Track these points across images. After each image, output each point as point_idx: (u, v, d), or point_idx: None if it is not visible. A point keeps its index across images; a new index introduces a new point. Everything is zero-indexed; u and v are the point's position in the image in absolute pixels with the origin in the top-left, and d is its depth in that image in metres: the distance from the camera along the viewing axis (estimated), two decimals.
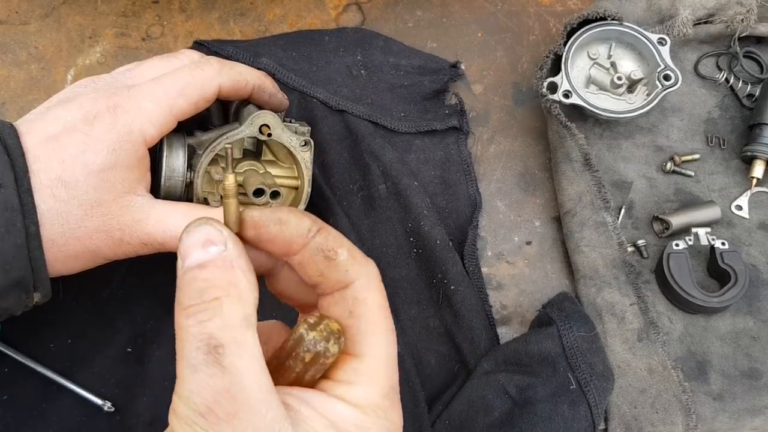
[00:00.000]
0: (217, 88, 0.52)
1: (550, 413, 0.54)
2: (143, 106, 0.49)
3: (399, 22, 0.77)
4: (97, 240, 0.48)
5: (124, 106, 0.48)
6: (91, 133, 0.47)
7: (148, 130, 0.49)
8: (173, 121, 0.51)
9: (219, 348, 0.29)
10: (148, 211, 0.49)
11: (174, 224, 0.50)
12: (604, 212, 0.63)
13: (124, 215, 0.48)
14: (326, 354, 0.31)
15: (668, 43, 0.67)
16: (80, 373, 0.59)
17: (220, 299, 0.30)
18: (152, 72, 0.53)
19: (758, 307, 0.63)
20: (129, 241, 0.49)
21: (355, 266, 0.34)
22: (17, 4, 0.75)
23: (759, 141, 0.66)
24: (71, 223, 0.47)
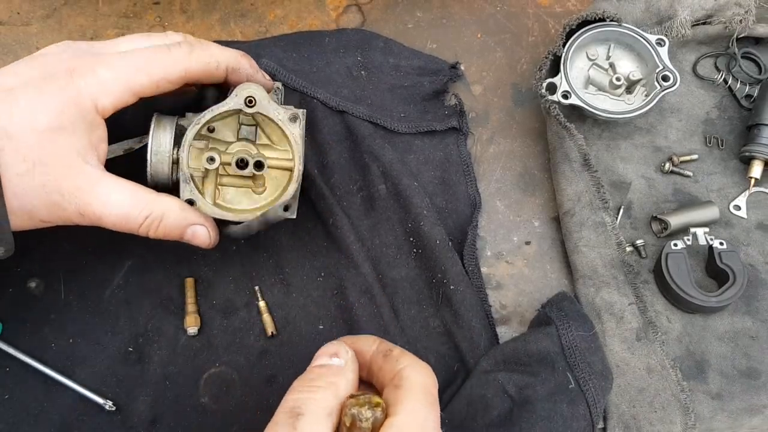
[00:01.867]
0: (182, 71, 0.51)
1: (549, 412, 0.55)
2: (100, 74, 0.48)
3: (399, 23, 0.77)
4: (34, 199, 0.47)
5: (81, 71, 0.48)
6: (43, 91, 0.47)
7: (100, 98, 0.48)
8: (131, 96, 0.50)
9: (299, 416, 0.39)
10: (92, 181, 0.48)
11: (116, 201, 0.49)
12: (603, 212, 0.64)
13: (65, 180, 0.47)
14: (360, 417, 0.40)
15: (667, 44, 0.67)
16: (81, 372, 0.59)
17: (319, 388, 0.41)
18: (127, 45, 0.53)
19: (756, 307, 0.63)
20: (66, 207, 0.48)
21: (405, 357, 0.45)
22: (19, 4, 0.76)
23: (757, 141, 0.67)
24: (11, 178, 0.45)
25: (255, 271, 0.64)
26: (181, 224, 0.53)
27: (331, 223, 0.64)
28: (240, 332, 0.62)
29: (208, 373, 0.60)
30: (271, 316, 0.62)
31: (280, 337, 0.62)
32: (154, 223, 0.51)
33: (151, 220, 0.51)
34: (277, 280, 0.64)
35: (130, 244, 0.64)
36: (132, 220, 0.50)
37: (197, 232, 0.54)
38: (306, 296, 0.64)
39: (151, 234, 0.52)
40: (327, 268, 0.64)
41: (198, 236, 0.54)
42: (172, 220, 0.52)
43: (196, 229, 0.54)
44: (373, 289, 0.62)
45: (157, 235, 0.53)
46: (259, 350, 0.61)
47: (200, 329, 0.62)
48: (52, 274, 0.62)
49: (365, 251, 0.64)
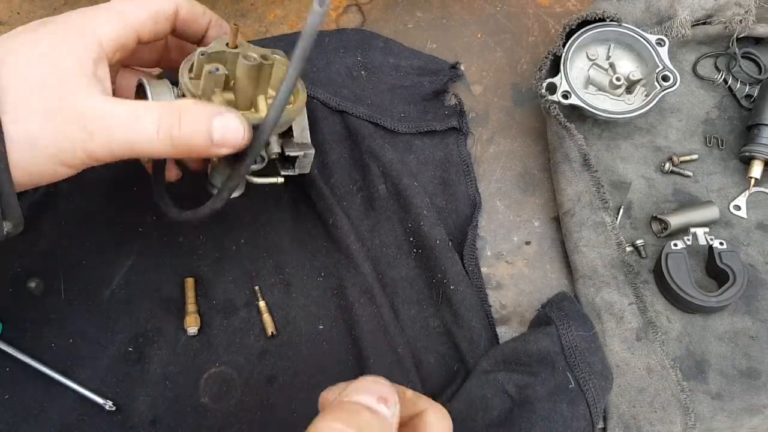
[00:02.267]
0: (173, 4, 0.51)
1: (549, 412, 0.55)
2: (98, 12, 0.48)
3: (399, 23, 0.77)
4: (37, 126, 0.44)
5: (82, 10, 0.48)
6: (45, 23, 0.46)
7: (102, 30, 0.47)
8: (131, 32, 0.49)
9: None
10: (99, 99, 0.45)
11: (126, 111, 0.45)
12: (603, 212, 0.64)
13: (70, 98, 0.44)
14: None
15: (667, 44, 0.67)
16: (81, 372, 0.59)
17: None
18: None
19: (756, 307, 0.63)
20: (71, 130, 0.44)
21: (422, 400, 0.42)
22: (19, 4, 0.76)
23: (757, 141, 0.67)
24: (10, 105, 0.43)
25: (255, 271, 0.64)
26: (205, 115, 0.45)
27: (331, 223, 0.64)
28: (240, 332, 0.62)
29: (208, 373, 0.60)
30: (271, 316, 0.62)
31: (280, 337, 0.62)
32: (174, 121, 0.45)
33: (170, 118, 0.45)
34: (277, 280, 0.64)
35: (131, 243, 0.64)
36: (147, 125, 0.44)
37: (227, 122, 0.46)
38: (306, 296, 0.64)
39: (175, 137, 0.45)
40: (327, 268, 0.64)
41: (230, 127, 0.46)
42: (194, 114, 0.45)
43: (226, 118, 0.46)
44: (373, 289, 0.62)
45: (181, 137, 0.45)
46: (259, 350, 0.61)
47: (200, 329, 0.62)
48: (52, 274, 0.62)
49: (365, 251, 0.64)
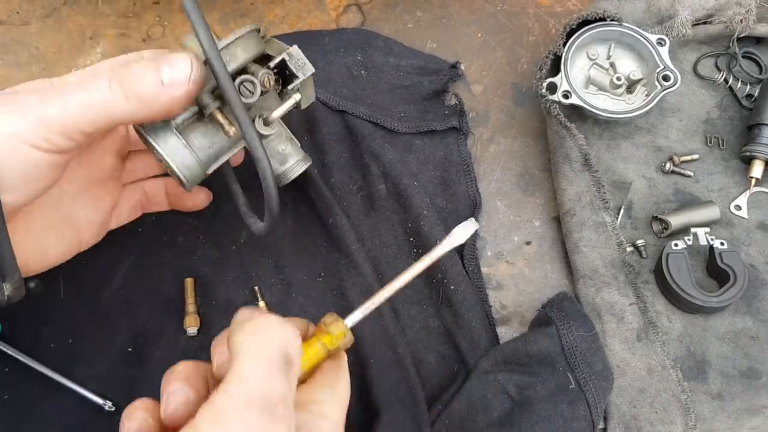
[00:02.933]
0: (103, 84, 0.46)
1: (550, 413, 0.55)
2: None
3: (399, 22, 0.77)
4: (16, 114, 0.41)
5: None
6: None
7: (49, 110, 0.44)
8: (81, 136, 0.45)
9: (290, 364, 0.36)
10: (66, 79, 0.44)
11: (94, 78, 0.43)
12: (604, 212, 0.64)
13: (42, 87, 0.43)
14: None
15: (667, 44, 0.67)
16: (81, 373, 0.59)
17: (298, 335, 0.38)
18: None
19: (757, 307, 0.63)
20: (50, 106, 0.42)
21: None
22: (18, 4, 0.75)
23: (758, 141, 0.67)
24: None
25: (255, 271, 0.64)
26: (153, 60, 0.43)
27: (331, 223, 0.64)
28: None
29: None
30: None
31: None
32: (124, 72, 0.43)
33: (120, 70, 0.43)
34: (277, 280, 0.64)
35: (130, 243, 0.64)
36: (100, 80, 0.42)
37: (174, 60, 0.43)
38: (306, 296, 0.63)
39: (126, 88, 0.43)
40: (327, 268, 0.64)
41: (177, 65, 0.43)
42: (143, 61, 0.44)
43: (172, 57, 0.43)
44: (373, 289, 0.62)
45: (134, 90, 0.43)
46: None
47: (200, 329, 0.62)
48: (51, 274, 0.62)
49: (365, 251, 0.64)
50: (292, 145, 0.56)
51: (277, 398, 0.33)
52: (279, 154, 0.55)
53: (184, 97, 0.44)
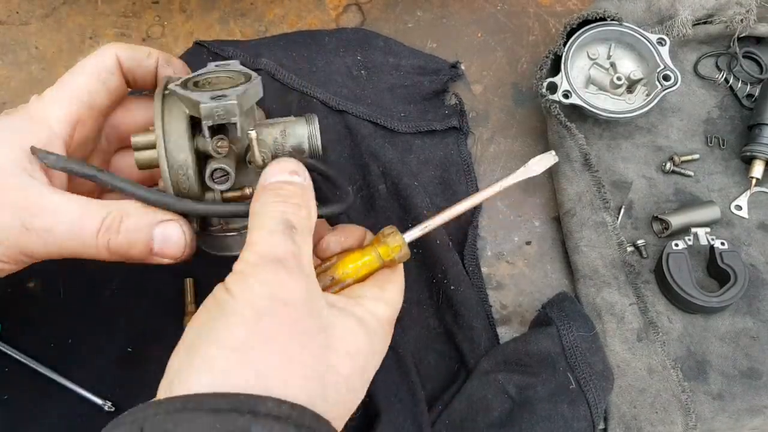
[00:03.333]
0: (113, 55, 0.49)
1: (550, 413, 0.54)
2: (46, 95, 0.47)
3: (399, 22, 0.77)
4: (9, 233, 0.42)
5: (34, 98, 0.48)
6: (10, 131, 0.45)
7: (52, 112, 0.46)
8: (80, 104, 0.47)
9: (293, 228, 0.40)
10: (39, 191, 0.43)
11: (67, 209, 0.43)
12: (604, 212, 0.63)
13: (6, 192, 0.42)
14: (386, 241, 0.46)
15: (668, 44, 0.67)
16: (80, 373, 0.59)
17: (301, 206, 0.42)
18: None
19: (758, 307, 0.63)
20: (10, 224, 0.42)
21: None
22: (18, 4, 0.75)
23: (758, 141, 0.66)
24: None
25: None
26: (145, 223, 0.44)
27: (331, 224, 0.64)
28: None
29: None
30: None
31: None
32: (114, 224, 0.43)
33: (110, 221, 0.43)
34: None
35: None
36: (87, 226, 0.43)
37: (168, 231, 0.44)
38: None
39: (112, 243, 0.43)
40: None
41: (170, 236, 0.44)
42: (135, 219, 0.44)
43: (167, 228, 0.44)
44: None
45: (119, 244, 0.44)
46: None
47: None
48: (51, 274, 0.62)
49: None
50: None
51: (285, 254, 0.38)
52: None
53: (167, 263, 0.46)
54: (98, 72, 0.49)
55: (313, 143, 0.50)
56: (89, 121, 0.49)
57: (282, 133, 0.49)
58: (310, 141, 0.50)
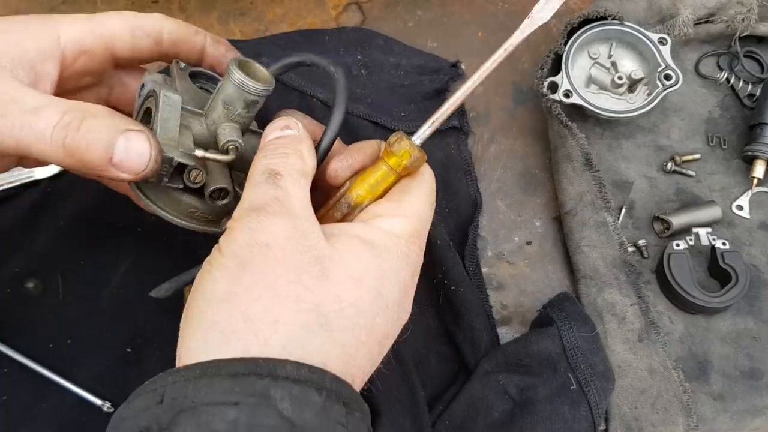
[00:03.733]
0: (157, 21, 0.49)
1: (551, 413, 0.54)
2: (71, 16, 0.46)
3: (399, 21, 0.77)
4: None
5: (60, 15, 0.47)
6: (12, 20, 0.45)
7: (65, 30, 0.45)
8: (98, 39, 0.46)
9: (278, 176, 0.40)
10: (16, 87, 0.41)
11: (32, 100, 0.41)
12: (605, 212, 0.63)
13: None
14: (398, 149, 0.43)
15: (669, 43, 0.67)
16: (79, 373, 0.59)
17: (288, 153, 0.42)
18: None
19: (759, 308, 0.63)
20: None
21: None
22: (17, 4, 0.75)
23: (760, 141, 0.66)
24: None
25: None
26: (110, 127, 0.40)
27: None
28: None
29: None
30: None
31: None
32: (74, 122, 0.39)
33: (70, 118, 0.40)
34: None
35: (129, 243, 0.64)
36: (43, 117, 0.39)
37: (133, 142, 0.40)
38: None
39: (68, 140, 0.39)
40: None
41: (134, 148, 0.40)
42: (100, 121, 0.40)
43: (132, 138, 0.40)
44: None
45: (76, 144, 0.39)
46: None
47: None
48: (50, 274, 0.62)
49: None
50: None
51: (266, 200, 0.38)
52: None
53: (126, 179, 0.41)
54: (133, 26, 0.48)
55: (249, 87, 0.45)
56: (97, 57, 0.47)
57: (225, 106, 0.46)
58: (244, 87, 0.45)
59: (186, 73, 0.50)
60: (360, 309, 0.37)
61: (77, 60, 0.46)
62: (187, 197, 0.47)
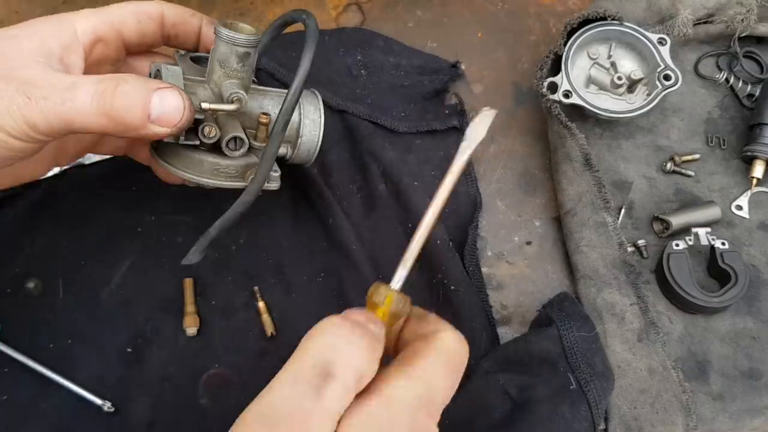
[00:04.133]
0: (158, 7, 0.52)
1: (550, 413, 0.54)
2: (82, 11, 0.50)
3: (399, 22, 0.77)
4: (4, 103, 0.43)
5: (71, 13, 0.50)
6: (32, 21, 0.48)
7: (80, 22, 0.48)
8: (109, 27, 0.50)
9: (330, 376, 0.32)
10: (49, 72, 0.44)
11: (66, 77, 0.44)
12: (604, 212, 0.63)
13: (21, 70, 0.44)
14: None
15: (668, 43, 0.67)
16: (79, 373, 0.59)
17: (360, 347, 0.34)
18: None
19: (758, 308, 0.63)
20: (14, 96, 0.43)
21: (443, 323, 0.39)
22: (17, 4, 0.75)
23: (759, 141, 0.66)
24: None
25: (255, 271, 0.64)
26: (143, 88, 0.44)
27: (331, 223, 0.64)
28: (239, 333, 0.62)
29: (207, 374, 0.60)
30: (270, 317, 0.62)
31: (279, 338, 0.62)
32: (109, 89, 0.43)
33: (104, 86, 0.43)
34: (277, 280, 0.64)
35: (130, 243, 0.64)
36: (82, 90, 0.43)
37: (167, 98, 0.44)
38: (306, 296, 0.63)
39: (108, 109, 0.43)
40: (327, 268, 0.64)
41: (169, 104, 0.44)
42: (132, 85, 0.43)
43: (165, 93, 0.44)
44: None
45: (116, 108, 0.43)
46: (258, 351, 0.61)
47: (199, 330, 0.62)
48: (50, 274, 0.62)
49: (365, 251, 0.64)
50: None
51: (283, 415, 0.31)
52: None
53: (165, 134, 0.45)
54: (137, 12, 0.51)
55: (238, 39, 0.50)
56: (112, 44, 0.51)
57: (221, 65, 0.51)
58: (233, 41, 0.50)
59: (187, 57, 0.55)
60: None
61: (94, 48, 0.50)
62: (207, 156, 0.51)
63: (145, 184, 0.65)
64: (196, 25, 0.54)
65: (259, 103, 0.54)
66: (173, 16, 0.53)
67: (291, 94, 0.47)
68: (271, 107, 0.55)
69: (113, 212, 0.65)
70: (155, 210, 0.65)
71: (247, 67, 0.52)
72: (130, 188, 0.65)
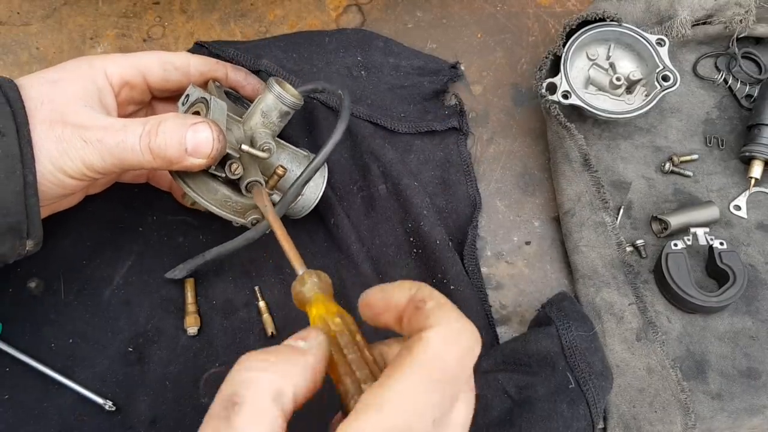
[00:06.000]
0: (185, 59, 0.58)
1: (549, 412, 0.55)
2: (111, 55, 0.56)
3: (399, 23, 0.77)
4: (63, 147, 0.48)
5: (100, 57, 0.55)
6: (62, 65, 0.53)
7: (109, 66, 0.54)
8: (136, 72, 0.55)
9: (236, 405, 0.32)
10: (94, 115, 0.50)
11: (114, 121, 0.50)
12: (603, 212, 0.64)
13: (69, 115, 0.49)
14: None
15: (667, 44, 0.67)
16: (81, 373, 0.59)
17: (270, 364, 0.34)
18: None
19: (756, 307, 0.63)
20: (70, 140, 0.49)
21: (437, 314, 0.36)
22: (18, 4, 0.76)
23: (757, 141, 0.67)
24: (41, 138, 0.48)
25: (255, 271, 0.64)
26: (179, 126, 0.49)
27: (332, 223, 0.64)
28: (240, 332, 0.62)
29: (208, 374, 0.60)
30: (271, 316, 0.62)
31: (280, 338, 0.62)
32: (153, 129, 0.49)
33: (149, 127, 0.49)
34: (277, 280, 0.64)
35: (131, 243, 0.64)
36: (131, 133, 0.49)
37: (199, 131, 0.49)
38: None
39: (152, 144, 0.49)
40: (327, 268, 0.64)
41: (200, 136, 0.49)
42: (169, 125, 0.49)
43: (198, 128, 0.49)
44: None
45: (159, 145, 0.49)
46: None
47: (200, 329, 0.62)
48: (51, 274, 0.62)
49: (365, 251, 0.64)
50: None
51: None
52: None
53: (203, 165, 0.51)
54: (164, 62, 0.57)
55: (286, 99, 0.56)
56: (137, 88, 0.57)
57: (263, 115, 0.56)
58: (282, 99, 0.56)
59: (221, 90, 0.59)
60: None
61: (122, 91, 0.55)
62: (224, 188, 0.54)
63: (146, 184, 0.65)
64: (222, 72, 0.60)
65: (277, 155, 0.59)
66: (200, 65, 0.59)
67: (311, 168, 0.55)
68: (287, 162, 0.59)
69: (114, 212, 0.65)
70: (157, 210, 0.66)
71: (282, 124, 0.57)
72: (131, 188, 0.65)
